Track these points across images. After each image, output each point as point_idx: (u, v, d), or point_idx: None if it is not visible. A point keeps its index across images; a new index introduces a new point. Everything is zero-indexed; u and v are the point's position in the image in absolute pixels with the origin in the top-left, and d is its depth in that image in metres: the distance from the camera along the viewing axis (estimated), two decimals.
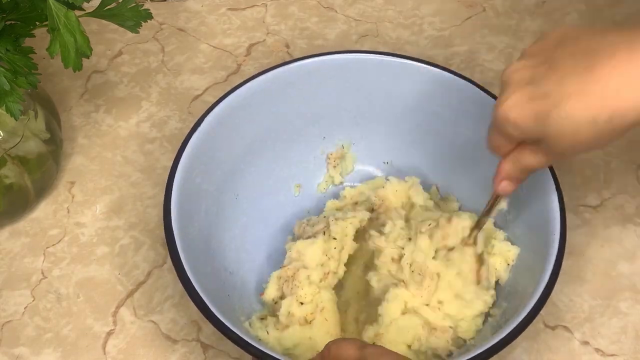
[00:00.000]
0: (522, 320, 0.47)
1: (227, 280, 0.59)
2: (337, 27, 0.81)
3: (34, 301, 0.61)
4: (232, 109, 0.60)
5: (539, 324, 0.58)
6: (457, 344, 0.55)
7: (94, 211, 0.66)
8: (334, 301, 0.57)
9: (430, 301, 0.55)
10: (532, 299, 0.48)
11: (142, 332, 0.59)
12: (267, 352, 0.47)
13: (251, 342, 0.47)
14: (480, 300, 0.55)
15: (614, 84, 0.40)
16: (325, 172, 0.66)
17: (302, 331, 0.55)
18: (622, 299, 0.60)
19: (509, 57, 0.77)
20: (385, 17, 0.82)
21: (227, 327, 0.48)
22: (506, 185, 0.50)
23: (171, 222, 0.53)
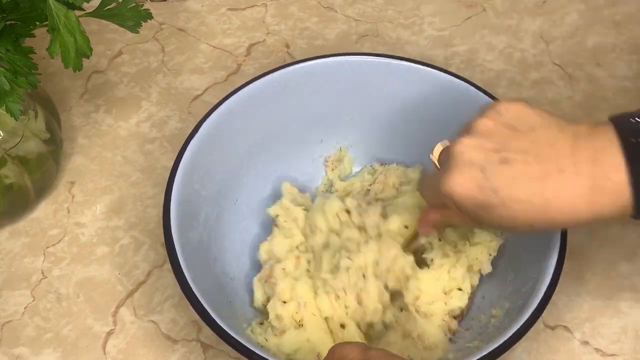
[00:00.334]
0: (523, 323, 0.47)
1: (229, 285, 0.59)
2: (337, 27, 0.81)
3: (34, 301, 0.61)
4: (230, 114, 0.60)
5: (539, 324, 0.58)
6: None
7: (94, 211, 0.66)
8: (311, 288, 0.57)
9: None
10: (535, 299, 0.48)
11: (142, 332, 0.59)
12: (267, 358, 0.47)
13: (251, 348, 0.47)
14: None
15: (557, 201, 0.44)
16: (323, 175, 0.66)
17: (298, 334, 0.55)
18: (622, 299, 0.60)
19: (509, 57, 0.77)
20: (385, 17, 0.82)
21: (227, 333, 0.48)
22: (429, 229, 0.56)
23: (171, 229, 0.52)
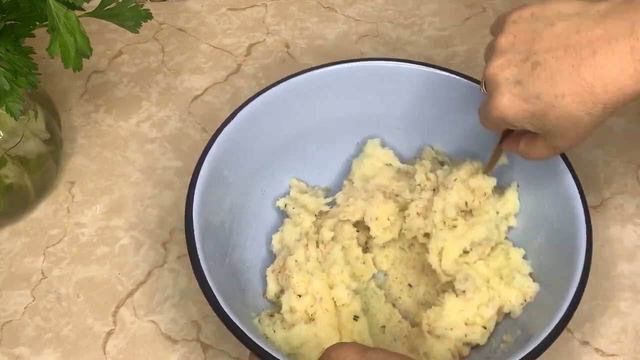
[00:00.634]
0: (528, 353, 0.47)
1: (244, 274, 0.59)
2: (337, 27, 0.81)
3: (34, 301, 0.61)
4: (269, 105, 0.60)
5: None
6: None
7: (94, 211, 0.66)
8: (326, 285, 0.57)
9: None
10: (545, 331, 0.48)
11: (142, 332, 0.59)
12: (269, 351, 0.47)
13: (252, 337, 0.47)
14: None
15: (600, 82, 0.43)
16: (347, 178, 0.65)
17: (308, 329, 0.55)
18: (622, 299, 0.60)
19: None
20: (385, 17, 0.82)
21: (233, 323, 0.48)
22: (515, 146, 0.54)
23: (192, 208, 0.53)
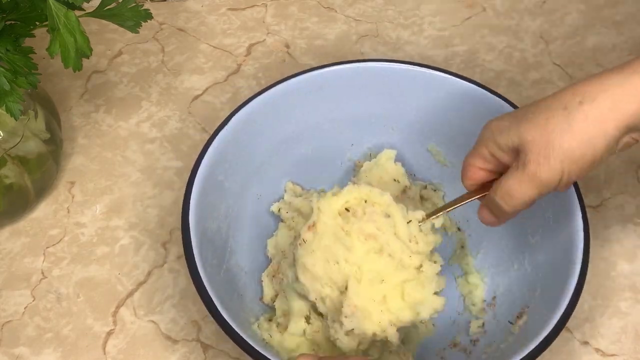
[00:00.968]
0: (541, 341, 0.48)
1: (242, 279, 0.59)
2: (337, 27, 0.81)
3: (34, 301, 0.61)
4: (263, 108, 0.60)
5: None
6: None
7: (94, 211, 0.66)
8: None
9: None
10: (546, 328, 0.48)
11: (142, 332, 0.59)
12: (266, 355, 0.47)
13: (251, 343, 0.47)
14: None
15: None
16: (351, 179, 0.66)
17: (298, 329, 0.55)
18: (622, 299, 0.60)
19: (508, 57, 0.77)
20: (385, 17, 0.82)
21: (232, 328, 0.48)
22: (487, 215, 0.51)
23: (189, 214, 0.53)
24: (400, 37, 0.79)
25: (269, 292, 0.59)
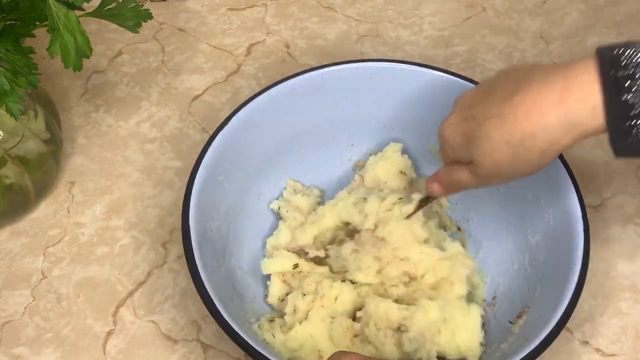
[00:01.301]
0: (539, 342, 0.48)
1: (242, 279, 0.59)
2: (337, 27, 0.81)
3: (34, 301, 0.61)
4: (263, 109, 0.60)
5: None
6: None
7: (94, 211, 0.66)
8: (329, 279, 0.58)
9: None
10: (546, 329, 0.48)
11: (142, 332, 0.59)
12: (267, 356, 0.47)
13: (251, 344, 0.47)
14: None
15: (523, 108, 0.43)
16: (357, 173, 0.66)
17: (303, 330, 0.55)
18: (622, 299, 0.60)
19: (508, 57, 0.77)
20: (385, 17, 0.82)
21: (232, 328, 0.48)
22: (437, 188, 0.54)
23: (189, 215, 0.53)
24: (400, 37, 0.79)
25: (276, 293, 0.59)
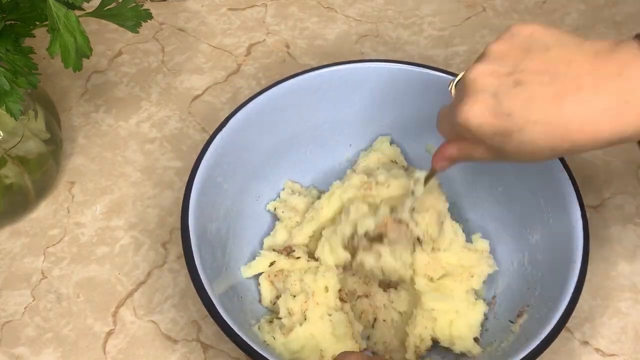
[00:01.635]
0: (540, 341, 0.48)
1: (241, 281, 0.59)
2: (337, 27, 0.81)
3: (34, 301, 0.61)
4: (262, 110, 0.60)
5: None
6: None
7: (94, 211, 0.66)
8: (314, 273, 0.58)
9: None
10: (548, 326, 0.49)
11: (142, 332, 0.59)
12: (268, 358, 0.47)
13: (254, 346, 0.47)
14: None
15: (577, 123, 0.42)
16: (352, 168, 0.65)
17: (304, 330, 0.55)
18: (622, 299, 0.60)
19: None
20: (385, 17, 0.82)
21: (232, 330, 0.48)
22: (445, 165, 0.51)
23: (188, 218, 0.53)
24: (400, 37, 0.79)
25: (267, 295, 0.59)
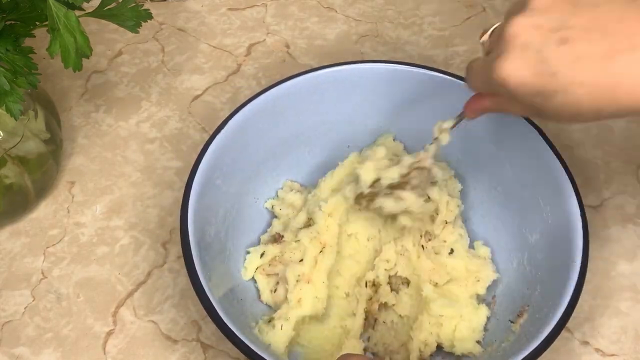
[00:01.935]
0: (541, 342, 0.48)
1: (241, 283, 0.59)
2: (337, 27, 0.81)
3: (34, 301, 0.61)
4: (258, 113, 0.60)
5: None
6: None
7: (94, 211, 0.66)
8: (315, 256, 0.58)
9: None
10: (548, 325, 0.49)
11: (142, 332, 0.59)
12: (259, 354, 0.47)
13: (253, 348, 0.47)
14: None
15: (629, 82, 0.38)
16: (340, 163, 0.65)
17: (312, 320, 0.56)
18: (622, 299, 0.60)
19: None
20: (385, 17, 0.82)
21: (232, 331, 0.48)
22: (476, 114, 0.51)
23: (187, 221, 0.53)
24: (400, 37, 0.79)
25: (265, 288, 0.59)
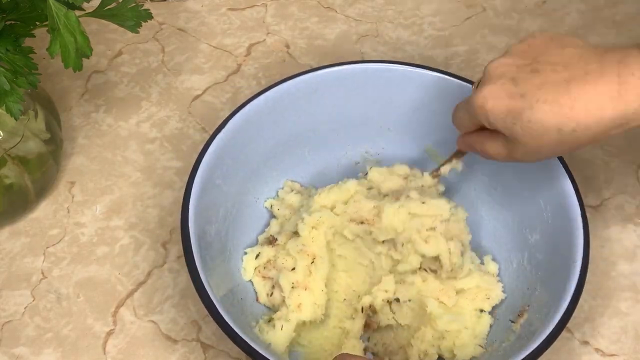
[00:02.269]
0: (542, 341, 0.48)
1: (241, 283, 0.59)
2: (337, 27, 0.81)
3: (34, 301, 0.61)
4: (258, 112, 0.60)
5: None
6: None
7: (94, 211, 0.66)
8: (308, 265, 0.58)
9: None
10: (548, 327, 0.48)
11: (142, 332, 0.59)
12: (270, 359, 0.47)
13: (254, 347, 0.47)
14: None
15: (582, 101, 0.45)
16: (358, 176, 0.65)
17: (312, 323, 0.56)
18: (622, 299, 0.60)
19: None
20: (385, 17, 0.82)
21: (233, 330, 0.48)
22: (467, 148, 0.55)
23: (188, 220, 0.53)
24: (400, 37, 0.79)
25: (262, 290, 0.59)
